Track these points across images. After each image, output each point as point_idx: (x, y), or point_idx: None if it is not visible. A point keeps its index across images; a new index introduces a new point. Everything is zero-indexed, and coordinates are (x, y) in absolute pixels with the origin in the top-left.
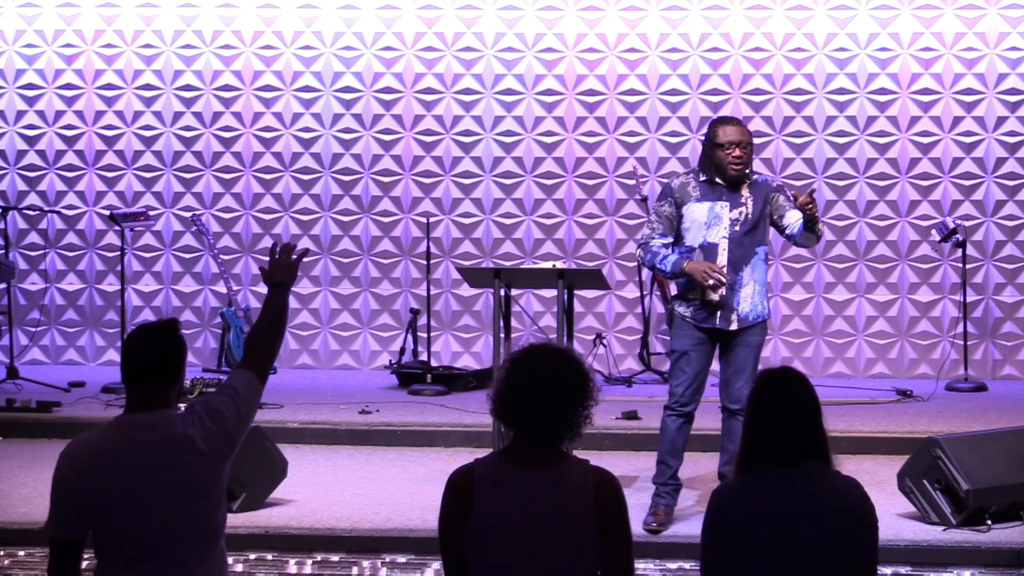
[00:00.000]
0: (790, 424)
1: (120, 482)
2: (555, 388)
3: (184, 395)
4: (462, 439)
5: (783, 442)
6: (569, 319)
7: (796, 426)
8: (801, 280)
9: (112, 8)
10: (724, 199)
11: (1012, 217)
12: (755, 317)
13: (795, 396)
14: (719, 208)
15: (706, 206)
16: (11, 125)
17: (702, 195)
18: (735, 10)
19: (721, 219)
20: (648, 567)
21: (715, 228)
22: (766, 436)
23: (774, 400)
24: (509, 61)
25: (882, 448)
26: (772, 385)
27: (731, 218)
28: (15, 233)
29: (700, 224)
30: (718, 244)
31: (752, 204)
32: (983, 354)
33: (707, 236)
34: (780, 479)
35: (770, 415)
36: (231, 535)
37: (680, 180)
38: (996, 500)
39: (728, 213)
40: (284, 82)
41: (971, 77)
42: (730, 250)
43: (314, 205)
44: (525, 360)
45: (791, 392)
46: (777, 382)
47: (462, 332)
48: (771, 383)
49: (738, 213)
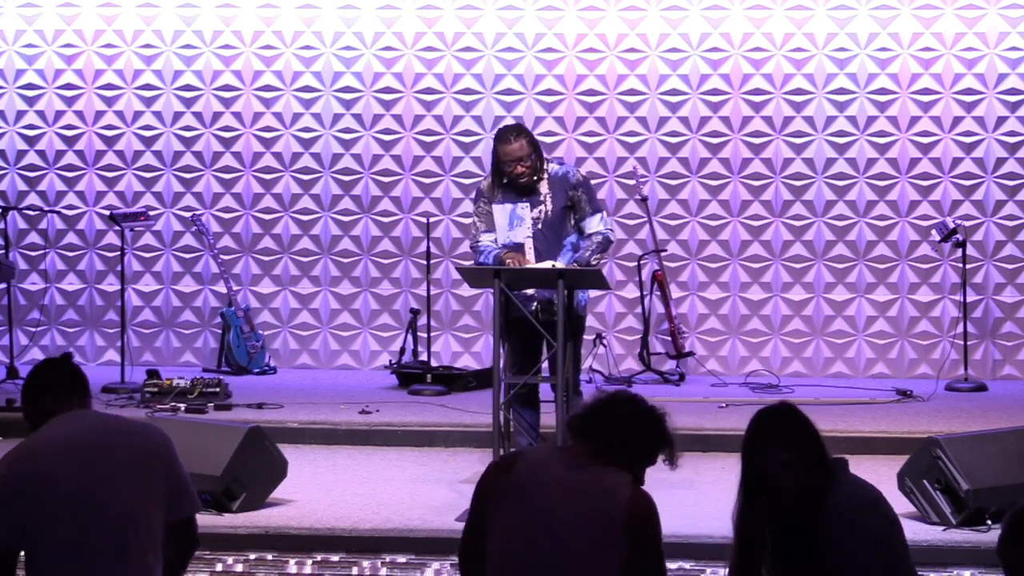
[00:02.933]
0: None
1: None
2: (631, 420)
3: (185, 395)
4: (462, 439)
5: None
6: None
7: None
8: (801, 280)
9: (112, 8)
10: (524, 200)
11: (1012, 217)
12: (586, 303)
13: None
14: (520, 209)
15: (508, 208)
16: (11, 125)
17: (503, 196)
18: (735, 10)
19: (524, 219)
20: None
21: (519, 228)
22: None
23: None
24: (509, 61)
25: (882, 448)
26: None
27: (532, 217)
28: (15, 233)
29: (503, 226)
30: (523, 243)
31: (551, 201)
32: (983, 354)
33: (511, 236)
34: None
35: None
36: (231, 535)
37: (487, 182)
38: (996, 500)
39: (529, 213)
40: (284, 82)
41: (971, 77)
42: (536, 248)
43: (314, 205)
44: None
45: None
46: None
47: (462, 332)
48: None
49: (538, 212)
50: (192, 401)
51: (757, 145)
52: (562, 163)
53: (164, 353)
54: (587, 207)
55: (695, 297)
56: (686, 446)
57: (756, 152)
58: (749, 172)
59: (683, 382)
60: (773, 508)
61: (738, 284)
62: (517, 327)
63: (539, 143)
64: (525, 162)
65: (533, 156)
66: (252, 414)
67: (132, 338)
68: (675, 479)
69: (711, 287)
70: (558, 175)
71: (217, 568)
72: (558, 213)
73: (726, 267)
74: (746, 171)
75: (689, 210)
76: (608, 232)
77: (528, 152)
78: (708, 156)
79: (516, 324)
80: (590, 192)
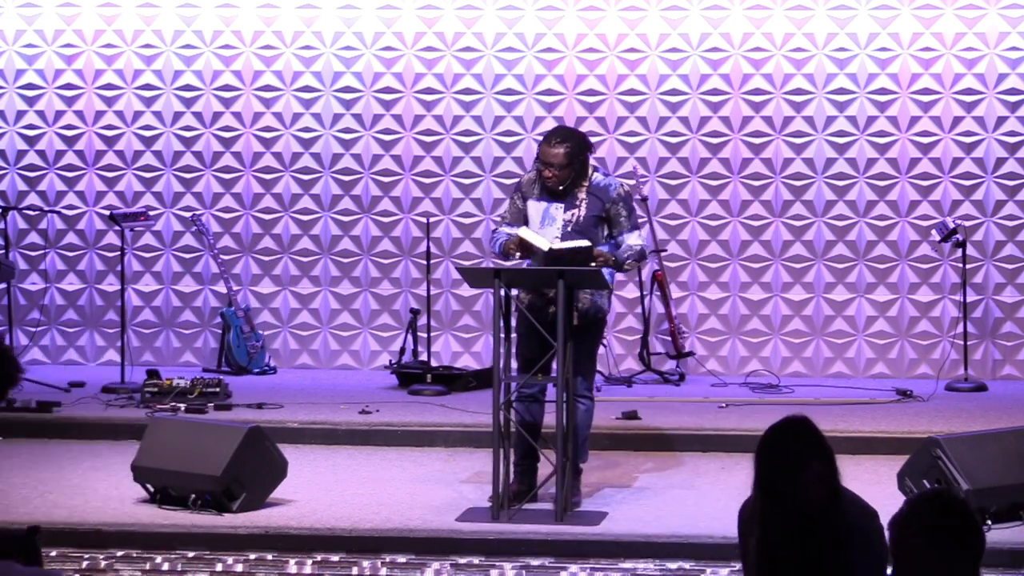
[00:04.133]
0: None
1: None
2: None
3: (185, 395)
4: (462, 439)
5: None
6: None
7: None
8: (801, 280)
9: (112, 8)
10: (560, 200)
11: (1012, 217)
12: (595, 312)
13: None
14: (554, 209)
15: (543, 205)
16: (11, 125)
17: (540, 194)
18: (735, 10)
19: (555, 219)
20: (648, 567)
21: (549, 228)
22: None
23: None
24: (509, 61)
25: (882, 448)
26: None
27: (564, 219)
28: (15, 233)
29: (535, 222)
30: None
31: (586, 208)
32: (983, 354)
33: (542, 234)
34: None
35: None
36: (231, 535)
37: (529, 176)
38: (996, 500)
39: (562, 215)
40: (284, 82)
41: (971, 77)
42: None
43: (314, 205)
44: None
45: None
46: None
47: (462, 332)
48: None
49: (570, 215)
50: (192, 401)
51: (757, 145)
52: (607, 174)
53: (164, 353)
54: (625, 223)
55: (695, 297)
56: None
57: (756, 152)
58: (749, 172)
59: (683, 382)
60: (797, 523)
61: (738, 284)
62: (532, 332)
63: (586, 152)
64: (557, 170)
65: (568, 168)
66: (252, 414)
67: (132, 338)
68: (675, 479)
69: (711, 287)
70: (600, 185)
71: (217, 568)
72: (590, 221)
73: (726, 267)
74: (746, 171)
75: (689, 210)
76: (646, 249)
77: (564, 162)
78: (708, 156)
79: (531, 330)
80: (629, 208)
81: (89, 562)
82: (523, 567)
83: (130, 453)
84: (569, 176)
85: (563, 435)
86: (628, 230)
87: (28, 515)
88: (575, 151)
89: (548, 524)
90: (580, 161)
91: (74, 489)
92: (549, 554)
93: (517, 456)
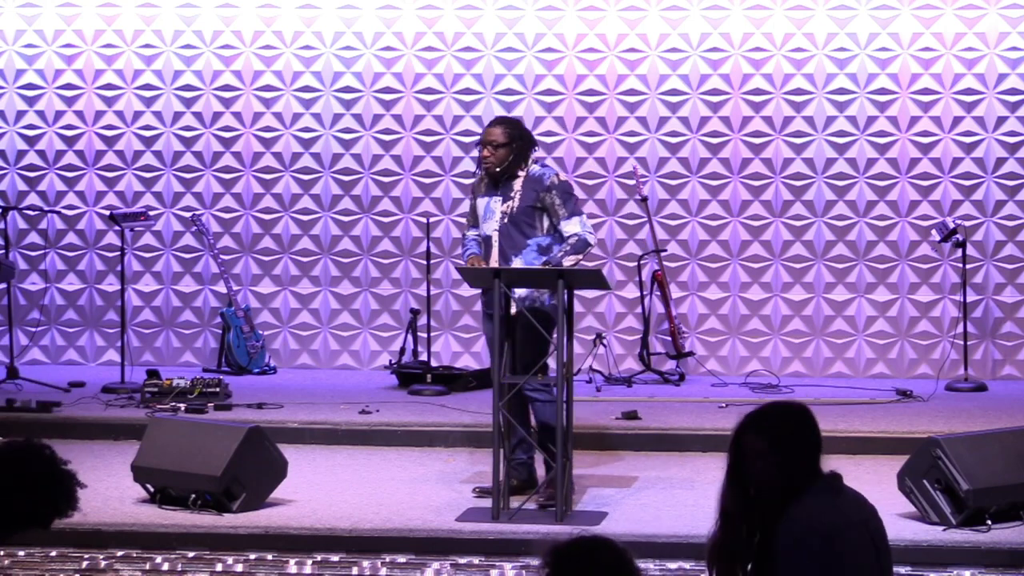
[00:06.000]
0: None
1: None
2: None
3: (184, 395)
4: (462, 439)
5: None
6: (569, 319)
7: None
8: (801, 280)
9: (112, 8)
10: (498, 193)
11: (1012, 217)
12: (530, 302)
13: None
14: (493, 202)
15: (485, 200)
16: (11, 125)
17: (485, 191)
18: (735, 10)
19: (494, 212)
20: (648, 567)
21: (490, 221)
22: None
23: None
24: (509, 61)
25: (882, 448)
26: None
27: (501, 211)
28: (15, 233)
29: (480, 218)
30: (491, 236)
31: (520, 198)
32: (983, 354)
33: (484, 229)
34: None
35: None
36: (231, 535)
37: (478, 175)
38: (996, 500)
39: (499, 207)
40: (284, 82)
41: (971, 77)
42: (500, 241)
43: (314, 205)
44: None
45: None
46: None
47: (462, 332)
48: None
49: (507, 207)
50: (192, 401)
51: (757, 145)
52: (545, 166)
53: (164, 353)
54: (562, 210)
55: (695, 297)
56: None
57: (756, 152)
58: (749, 172)
59: (683, 382)
60: (746, 496)
61: (738, 284)
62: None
63: (528, 144)
64: (494, 148)
65: (506, 148)
66: (252, 414)
67: (132, 338)
68: (675, 479)
69: (711, 287)
70: (534, 175)
71: (217, 568)
72: (524, 211)
73: (726, 267)
74: (746, 171)
75: (689, 210)
76: (587, 234)
77: (502, 141)
78: (708, 156)
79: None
80: (565, 196)
81: (89, 562)
82: (523, 567)
83: (130, 453)
84: (506, 158)
85: (563, 435)
86: (566, 217)
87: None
88: (513, 133)
89: (548, 524)
90: (519, 146)
91: None
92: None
93: (507, 450)
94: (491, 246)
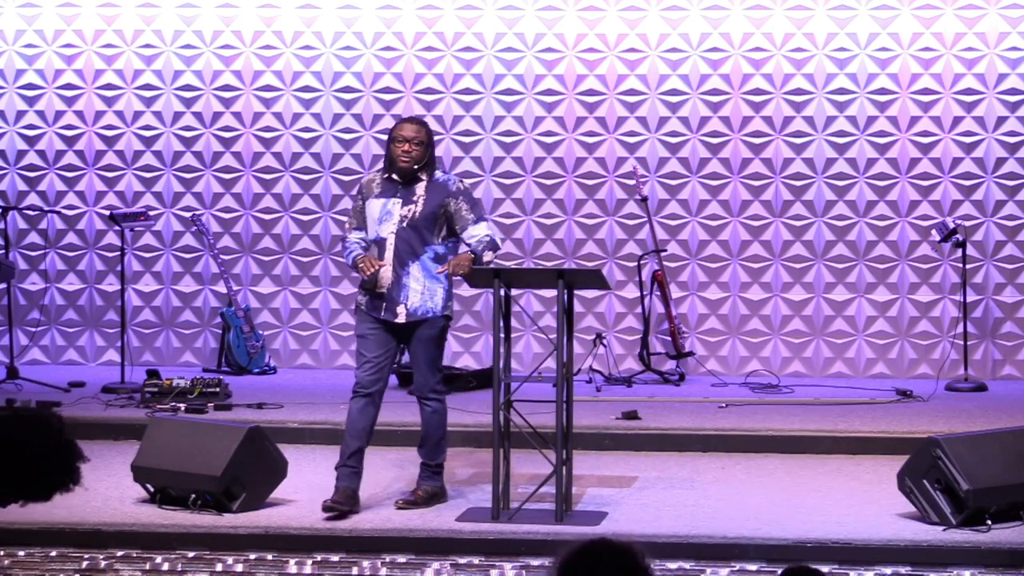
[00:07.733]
0: None
1: None
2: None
3: (184, 395)
4: (462, 439)
5: None
6: (569, 319)
7: None
8: (801, 280)
9: (112, 8)
10: (398, 196)
11: (1012, 217)
12: (423, 312)
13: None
14: (391, 204)
15: (381, 202)
16: (11, 125)
17: (381, 192)
18: (735, 10)
19: (392, 215)
20: None
21: (386, 223)
22: None
23: None
24: (509, 61)
25: (882, 448)
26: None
27: (401, 214)
28: (15, 233)
29: (374, 219)
30: (386, 239)
31: (423, 203)
32: (983, 354)
33: (379, 231)
34: None
35: None
36: (231, 535)
37: (369, 176)
38: (996, 500)
39: (399, 209)
40: (284, 82)
41: (971, 77)
42: (396, 245)
43: (314, 205)
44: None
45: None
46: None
47: (462, 332)
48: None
49: (407, 211)
50: (192, 401)
51: (757, 145)
52: (447, 172)
53: (164, 353)
54: (469, 215)
55: (695, 297)
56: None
57: (756, 152)
58: (749, 172)
59: (683, 382)
60: None
61: (738, 284)
62: (370, 333)
63: (434, 148)
64: (415, 144)
65: (423, 148)
66: (252, 414)
67: (132, 338)
68: (675, 479)
69: (711, 287)
70: (439, 181)
71: (217, 568)
72: (427, 217)
73: (726, 267)
74: (746, 171)
75: (689, 210)
76: (496, 237)
77: (422, 139)
78: (708, 156)
79: (371, 330)
80: (472, 201)
81: (89, 562)
82: (523, 567)
83: (130, 453)
84: (423, 158)
85: (562, 435)
86: (474, 222)
87: (28, 515)
88: (431, 135)
89: (548, 524)
90: (431, 151)
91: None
92: (549, 554)
93: (342, 457)
94: (385, 249)
